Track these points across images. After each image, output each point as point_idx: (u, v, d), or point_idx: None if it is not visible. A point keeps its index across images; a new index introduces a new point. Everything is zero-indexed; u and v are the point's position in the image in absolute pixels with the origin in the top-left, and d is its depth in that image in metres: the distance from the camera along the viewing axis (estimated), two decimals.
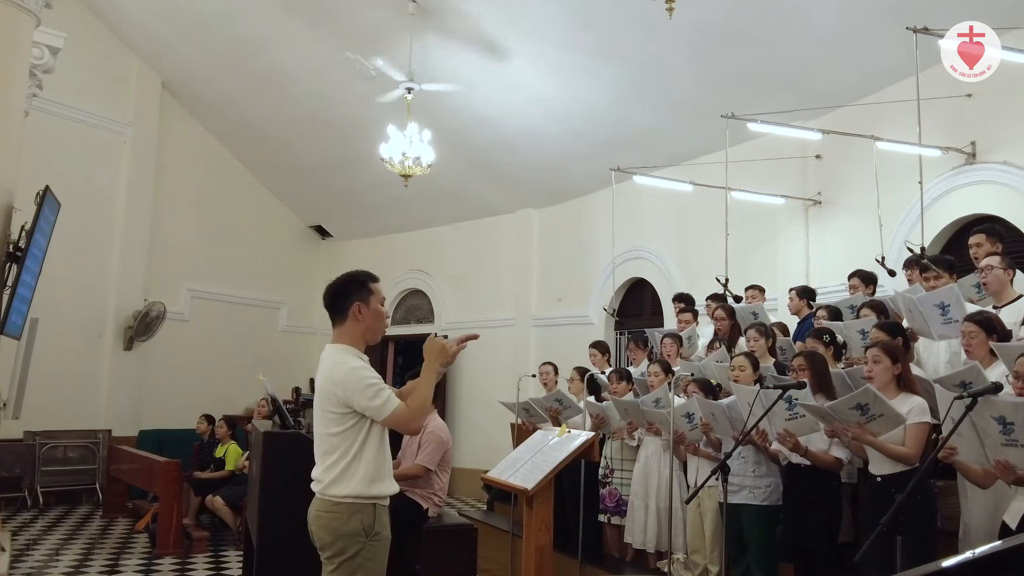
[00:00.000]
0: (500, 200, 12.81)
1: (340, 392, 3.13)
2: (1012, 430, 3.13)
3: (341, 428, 3.14)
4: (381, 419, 3.13)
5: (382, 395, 3.13)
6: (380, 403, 3.12)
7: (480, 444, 11.84)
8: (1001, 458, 3.22)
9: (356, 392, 3.11)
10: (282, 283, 14.26)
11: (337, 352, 3.24)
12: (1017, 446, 3.15)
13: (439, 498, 5.77)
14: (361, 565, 3.13)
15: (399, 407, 3.16)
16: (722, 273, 8.23)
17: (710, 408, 5.15)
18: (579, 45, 9.17)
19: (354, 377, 3.13)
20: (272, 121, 12.40)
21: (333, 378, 3.17)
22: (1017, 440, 3.14)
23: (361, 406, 3.11)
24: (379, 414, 3.12)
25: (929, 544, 3.86)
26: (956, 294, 5.06)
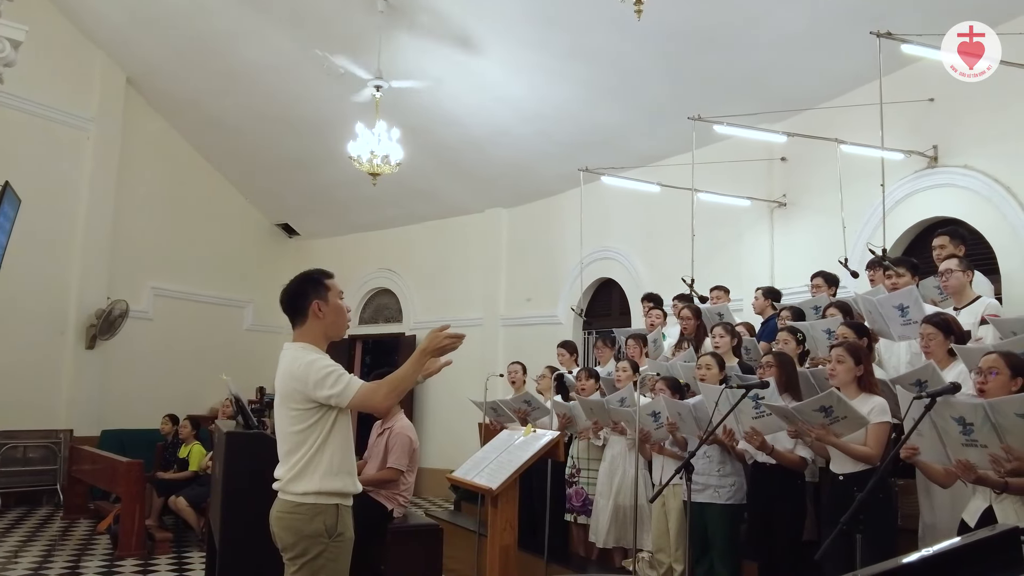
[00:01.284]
0: (469, 199, 12.79)
1: (301, 387, 3.11)
2: (972, 431, 3.18)
3: (305, 424, 3.11)
4: (347, 403, 3.09)
5: (343, 379, 3.10)
6: (342, 387, 3.08)
7: (448, 444, 11.82)
8: (962, 458, 3.26)
9: (316, 383, 3.08)
10: (248, 281, 14.11)
11: (295, 349, 3.22)
12: (977, 446, 3.20)
13: (404, 498, 5.74)
14: (324, 566, 3.10)
15: (364, 385, 3.12)
16: (688, 274, 8.28)
17: (676, 407, 5.18)
18: (547, 45, 9.18)
19: (312, 369, 3.10)
20: (239, 118, 12.28)
21: (293, 374, 3.14)
22: (977, 440, 3.18)
23: (324, 396, 3.08)
24: (343, 398, 3.08)
25: (889, 542, 3.92)
26: (915, 296, 5.15)
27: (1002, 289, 6.82)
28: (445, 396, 12.34)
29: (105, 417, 11.58)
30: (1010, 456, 3.07)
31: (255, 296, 14.10)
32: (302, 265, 3.52)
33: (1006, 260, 6.99)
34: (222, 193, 14.09)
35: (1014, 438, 3.07)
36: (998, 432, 3.09)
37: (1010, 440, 3.07)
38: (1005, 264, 6.99)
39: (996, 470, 3.16)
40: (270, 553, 3.23)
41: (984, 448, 3.16)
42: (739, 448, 4.89)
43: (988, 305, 5.21)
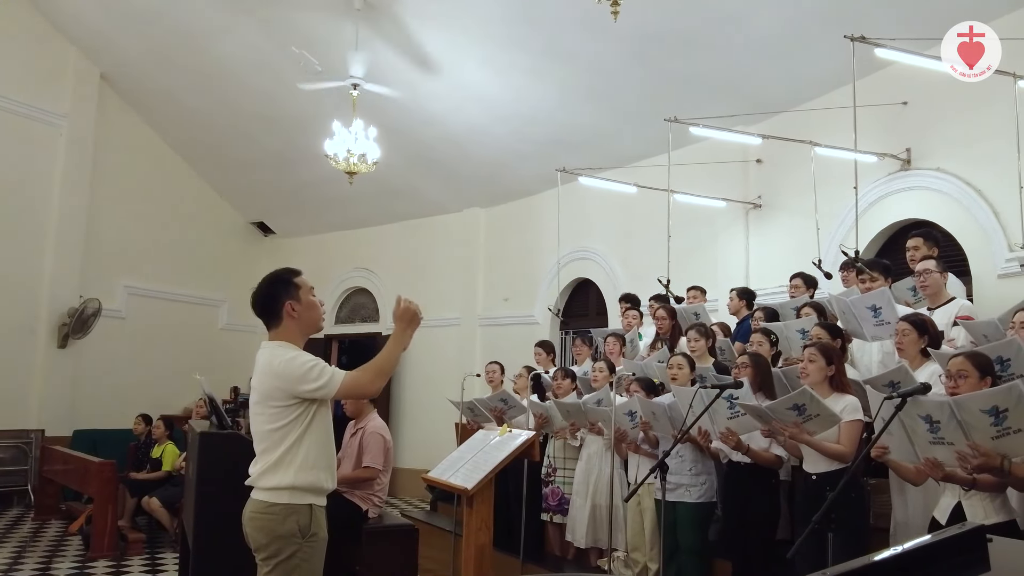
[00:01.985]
0: (447, 199, 12.78)
1: (282, 384, 3.09)
2: (938, 429, 3.22)
3: (285, 421, 3.10)
4: (334, 393, 3.10)
5: (326, 372, 3.10)
6: (326, 379, 3.08)
7: (425, 444, 11.79)
8: (930, 456, 3.30)
9: (299, 378, 3.07)
10: (222, 280, 13.99)
11: (273, 347, 3.20)
12: (944, 444, 3.24)
13: (379, 498, 5.72)
14: (297, 566, 3.08)
15: (349, 374, 3.13)
16: (665, 274, 8.32)
17: (650, 407, 5.21)
18: (524, 45, 9.19)
19: (293, 365, 3.09)
20: (214, 115, 12.18)
21: (273, 372, 3.12)
22: (944, 438, 3.23)
23: (309, 390, 3.07)
24: (330, 389, 3.09)
25: (861, 540, 3.97)
26: (888, 297, 5.21)
27: (973, 291, 6.91)
28: (422, 396, 12.32)
29: (77, 417, 11.45)
30: (976, 453, 3.12)
31: (230, 295, 13.98)
32: (278, 264, 3.50)
33: (977, 262, 7.08)
34: (197, 191, 13.98)
35: (979, 434, 3.11)
36: (964, 429, 3.13)
37: (975, 436, 3.12)
38: (976, 266, 7.08)
39: (963, 467, 3.20)
40: (244, 554, 3.21)
41: (951, 446, 3.21)
42: (713, 448, 4.92)
43: (962, 307, 5.29)
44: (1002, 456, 3.10)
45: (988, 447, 3.10)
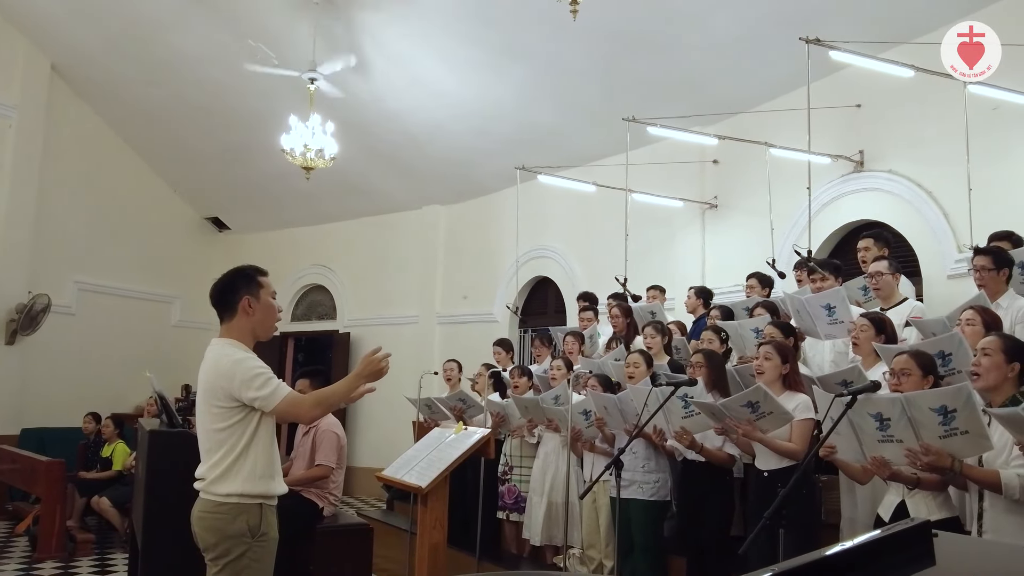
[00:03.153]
0: (406, 196, 12.70)
1: (226, 384, 3.03)
2: (888, 426, 3.26)
3: (228, 423, 3.05)
4: (271, 407, 3.04)
5: (271, 384, 3.05)
6: (269, 392, 3.03)
7: (381, 443, 11.73)
8: (877, 455, 3.35)
9: (243, 383, 3.02)
10: (176, 276, 13.75)
11: (223, 346, 3.14)
12: (893, 442, 3.28)
13: (334, 496, 5.68)
14: (247, 567, 3.04)
15: (291, 394, 3.09)
16: (623, 273, 8.37)
17: (602, 400, 5.22)
18: (484, 43, 9.17)
19: (240, 368, 3.04)
20: (168, 108, 11.96)
21: (219, 371, 3.07)
22: (893, 436, 3.27)
23: (249, 397, 3.02)
24: (268, 403, 3.03)
25: (811, 536, 4.02)
26: (842, 296, 5.28)
27: (923, 291, 7.04)
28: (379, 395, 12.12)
29: (25, 415, 11.18)
30: (926, 452, 3.17)
31: (183, 292, 13.75)
32: (232, 260, 3.45)
33: (927, 263, 7.22)
34: (150, 185, 13.72)
35: (927, 432, 3.16)
36: (913, 426, 3.18)
37: (924, 434, 3.17)
38: (926, 267, 7.22)
39: (912, 463, 3.25)
40: (193, 554, 3.15)
41: (900, 443, 3.25)
42: (668, 446, 4.95)
43: (914, 308, 5.38)
44: (952, 457, 3.16)
45: (936, 446, 3.15)
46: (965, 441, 3.12)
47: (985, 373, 3.33)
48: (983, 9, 6.82)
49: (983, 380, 3.33)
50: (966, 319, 4.20)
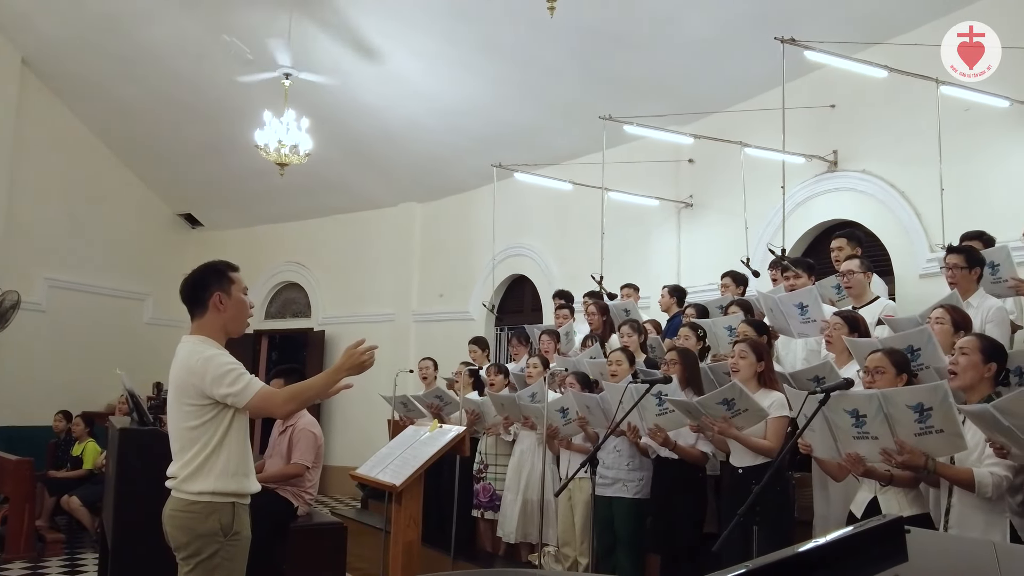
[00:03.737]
0: (381, 193, 12.64)
1: (197, 382, 3.00)
2: (864, 422, 3.28)
3: (200, 421, 3.01)
4: (244, 403, 2.99)
5: (243, 379, 3.01)
6: (241, 387, 2.99)
7: (356, 441, 11.67)
8: (852, 451, 3.37)
9: (214, 380, 2.98)
10: (148, 273, 13.58)
11: (194, 343, 3.10)
12: (868, 438, 3.30)
13: (310, 496, 5.65)
14: (219, 566, 3.00)
15: (264, 389, 3.04)
16: (599, 271, 8.38)
17: (585, 400, 5.23)
18: (461, 39, 9.14)
19: (212, 365, 3.00)
20: (141, 103, 11.81)
21: (190, 368, 3.03)
22: (868, 432, 3.29)
23: (221, 394, 2.98)
24: (241, 399, 2.99)
25: (785, 533, 4.04)
26: (814, 295, 5.32)
27: (895, 290, 7.11)
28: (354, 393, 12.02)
29: None
30: (902, 449, 3.20)
31: (155, 289, 13.58)
32: (205, 257, 3.40)
33: (899, 262, 7.29)
34: (122, 181, 13.53)
35: (903, 429, 3.18)
36: (890, 423, 3.21)
37: (899, 431, 3.19)
38: (898, 266, 7.29)
39: (887, 461, 3.27)
40: (165, 553, 3.12)
41: (875, 440, 3.27)
42: (642, 443, 4.97)
43: (886, 306, 5.43)
44: (927, 456, 3.19)
45: (911, 444, 3.18)
46: (940, 440, 3.15)
47: (962, 372, 3.37)
48: (955, 12, 6.89)
49: (960, 379, 3.37)
50: (935, 317, 4.24)
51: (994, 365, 3.35)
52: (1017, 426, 2.84)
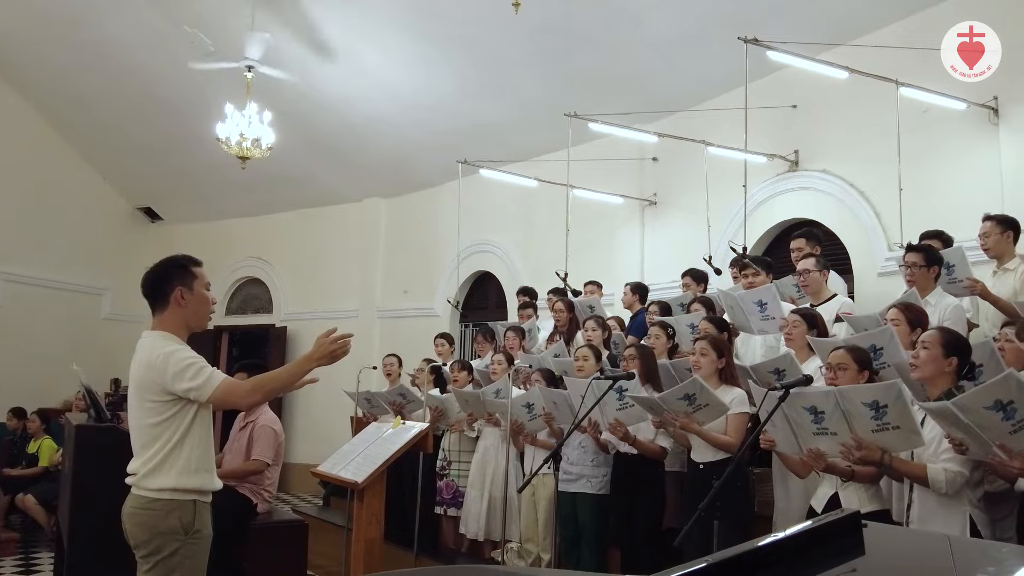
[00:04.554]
0: (346, 188, 12.55)
1: (158, 378, 2.96)
2: (823, 419, 3.33)
3: (162, 417, 2.98)
4: (206, 397, 2.96)
5: (204, 372, 2.98)
6: (202, 380, 2.96)
7: (319, 439, 11.57)
8: (813, 447, 3.42)
9: (175, 375, 2.94)
10: (106, 268, 13.37)
11: (155, 338, 3.06)
12: (827, 434, 3.35)
13: (269, 493, 5.60)
14: (179, 564, 2.97)
15: (226, 380, 3.01)
16: (563, 268, 8.40)
17: (551, 396, 5.24)
18: (427, 34, 9.10)
19: (172, 360, 2.97)
20: (100, 94, 11.60)
21: (151, 364, 2.99)
22: (828, 428, 3.34)
23: (183, 389, 2.95)
24: (203, 392, 2.96)
25: (745, 528, 4.09)
26: (773, 292, 5.39)
27: (854, 287, 7.22)
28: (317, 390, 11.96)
29: None
30: (859, 445, 3.25)
31: (114, 284, 13.38)
32: (165, 251, 3.35)
33: (858, 260, 7.40)
34: (80, 174, 13.30)
35: (860, 425, 3.24)
36: (847, 419, 3.26)
37: (857, 427, 3.24)
38: (857, 264, 7.40)
39: (846, 456, 3.32)
40: (122, 552, 3.08)
41: (834, 436, 3.32)
42: (602, 439, 4.99)
43: (843, 304, 5.52)
44: (883, 451, 3.24)
45: (868, 440, 3.23)
46: (897, 436, 3.21)
47: (922, 365, 3.42)
48: (917, 14, 7.02)
49: (919, 371, 3.43)
50: (891, 319, 4.30)
51: (955, 360, 3.40)
52: (976, 423, 2.89)
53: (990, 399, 2.84)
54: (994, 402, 2.83)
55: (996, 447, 2.90)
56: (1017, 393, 2.79)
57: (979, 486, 3.33)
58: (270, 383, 3.13)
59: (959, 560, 2.06)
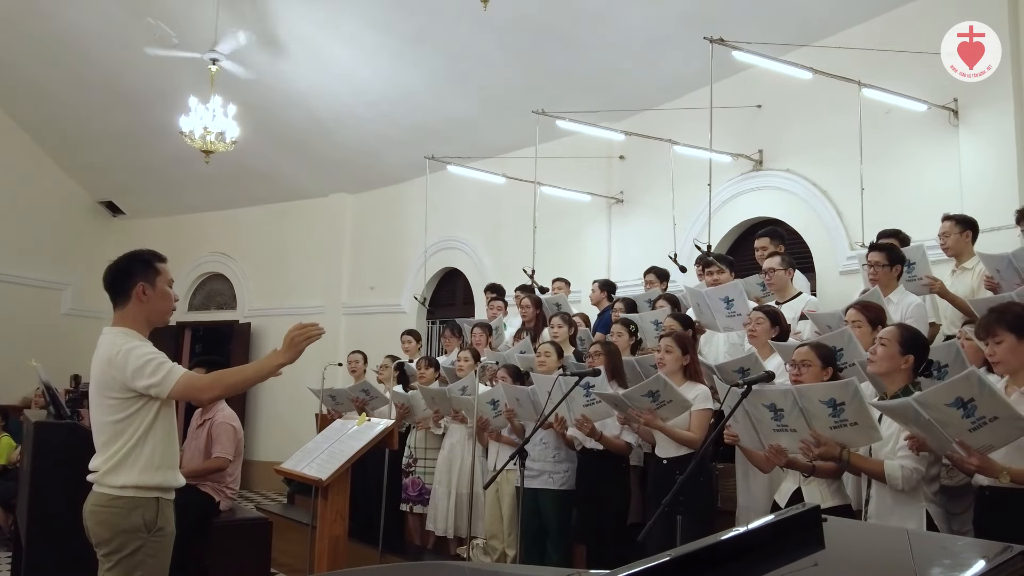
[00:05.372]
0: (312, 183, 12.46)
1: (119, 374, 2.93)
2: (782, 416, 3.38)
3: (124, 414, 2.94)
4: (167, 393, 2.93)
5: (163, 368, 2.94)
6: (162, 376, 2.92)
7: (283, 436, 11.48)
8: (774, 443, 3.47)
9: (135, 372, 2.91)
10: (67, 263, 13.16)
11: (116, 335, 3.03)
12: (787, 431, 3.40)
13: (232, 491, 5.56)
14: (142, 562, 2.94)
15: (187, 375, 2.98)
16: (531, 265, 8.42)
17: (515, 393, 5.25)
18: (395, 29, 9.06)
19: (131, 357, 2.93)
20: (61, 86, 11.40)
21: (111, 361, 2.95)
22: (787, 425, 3.39)
23: (143, 385, 2.91)
24: (163, 388, 2.92)
25: (708, 523, 4.14)
26: (740, 289, 5.45)
27: (816, 286, 7.31)
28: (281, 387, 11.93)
29: None
30: (818, 441, 3.30)
31: (74, 279, 13.17)
32: (127, 246, 3.31)
33: (821, 259, 7.50)
34: (40, 166, 13.08)
35: (819, 422, 3.29)
36: (806, 417, 3.31)
37: (816, 424, 3.30)
38: (820, 263, 7.50)
39: (805, 454, 3.37)
40: (82, 550, 3.04)
41: (794, 432, 3.37)
42: (568, 435, 5.02)
43: (808, 302, 5.59)
44: (841, 447, 3.29)
45: (827, 436, 3.28)
46: (855, 432, 3.26)
47: (879, 361, 3.47)
48: (879, 16, 7.12)
49: (876, 367, 3.48)
50: (852, 320, 4.34)
51: (911, 357, 3.45)
52: (936, 419, 2.94)
53: (952, 396, 2.89)
54: (955, 399, 2.88)
55: (956, 443, 2.95)
56: (978, 391, 2.84)
57: (935, 481, 3.40)
58: (231, 377, 3.12)
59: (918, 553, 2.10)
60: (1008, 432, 2.91)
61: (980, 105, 6.55)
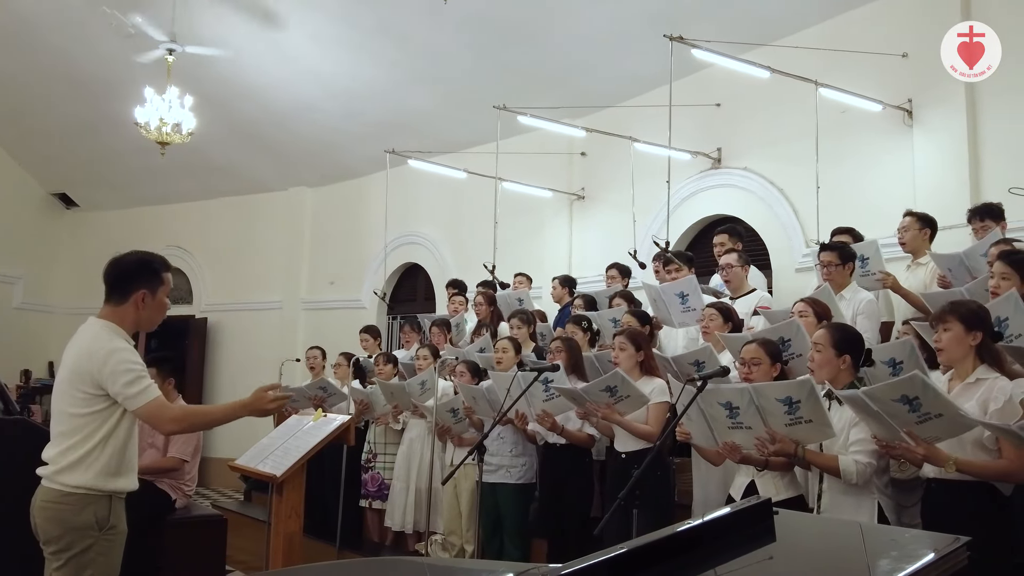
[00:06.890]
0: (271, 176, 12.32)
1: (95, 371, 2.89)
2: (738, 414, 3.42)
3: (89, 410, 2.90)
4: (134, 408, 2.91)
5: (141, 383, 2.91)
6: (136, 391, 2.89)
7: (240, 433, 11.13)
8: (728, 440, 3.51)
9: (112, 374, 2.87)
10: (18, 255, 12.86)
11: (102, 328, 2.99)
12: (743, 428, 3.45)
13: (189, 488, 5.49)
14: (92, 560, 2.88)
15: (156, 401, 2.95)
16: (492, 260, 8.42)
17: (471, 392, 5.28)
18: (357, 22, 8.97)
19: (115, 359, 2.89)
20: (13, 76, 11.09)
21: (91, 354, 2.91)
22: (743, 423, 3.43)
23: (115, 390, 2.88)
24: (132, 403, 2.90)
25: (665, 516, 4.18)
26: (694, 284, 5.50)
27: (773, 283, 7.41)
28: (240, 382, 11.83)
29: None
30: (773, 438, 3.34)
31: (26, 272, 12.89)
32: (80, 239, 3.27)
33: (777, 256, 7.61)
34: None
35: (774, 420, 3.33)
36: (761, 414, 3.35)
37: (771, 421, 3.34)
38: (776, 260, 7.60)
39: (760, 450, 3.42)
40: (27, 548, 2.97)
41: (749, 430, 3.42)
42: (530, 430, 5.04)
43: (761, 298, 5.65)
44: (796, 443, 3.34)
45: (782, 433, 3.33)
46: (809, 429, 3.32)
47: (818, 369, 3.53)
48: (836, 17, 7.23)
49: (818, 375, 3.53)
50: (799, 311, 4.44)
51: (848, 356, 3.51)
52: (885, 412, 3.01)
53: (897, 393, 2.97)
54: (901, 396, 2.97)
55: (904, 433, 3.02)
56: (922, 391, 2.93)
57: (884, 473, 3.47)
58: (197, 418, 3.33)
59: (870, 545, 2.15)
60: (953, 427, 3.00)
61: (933, 106, 6.68)
